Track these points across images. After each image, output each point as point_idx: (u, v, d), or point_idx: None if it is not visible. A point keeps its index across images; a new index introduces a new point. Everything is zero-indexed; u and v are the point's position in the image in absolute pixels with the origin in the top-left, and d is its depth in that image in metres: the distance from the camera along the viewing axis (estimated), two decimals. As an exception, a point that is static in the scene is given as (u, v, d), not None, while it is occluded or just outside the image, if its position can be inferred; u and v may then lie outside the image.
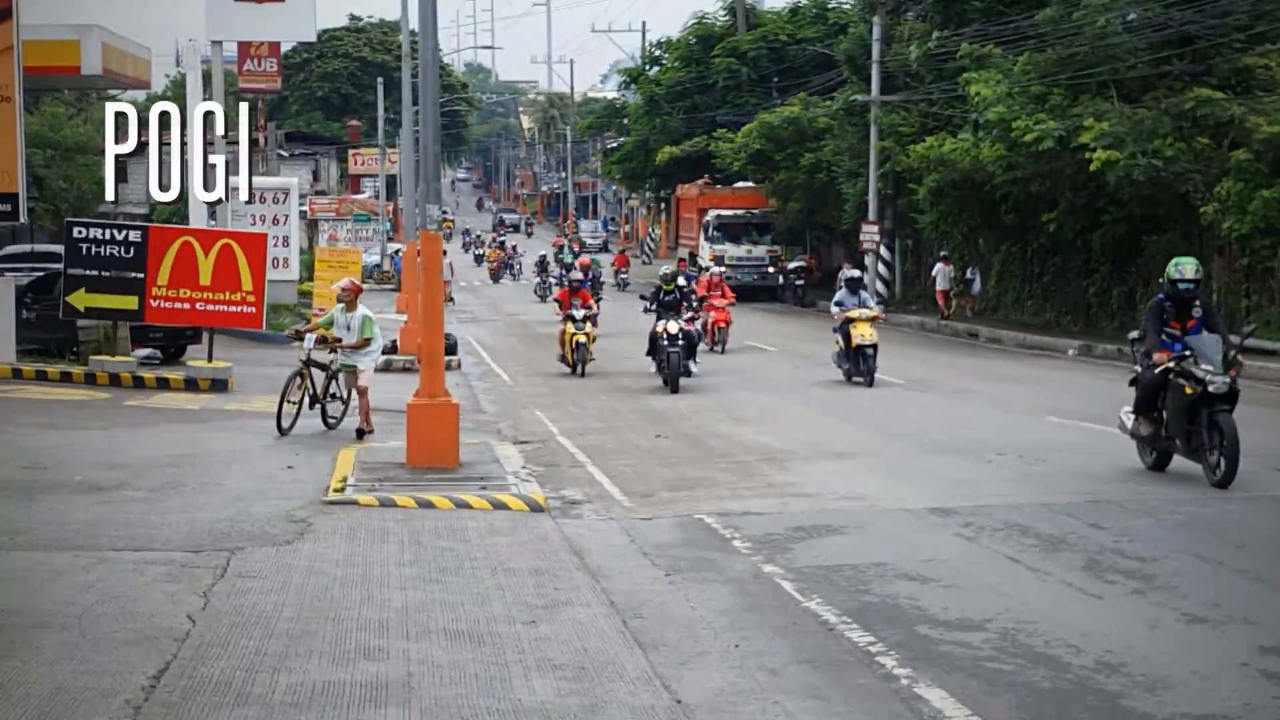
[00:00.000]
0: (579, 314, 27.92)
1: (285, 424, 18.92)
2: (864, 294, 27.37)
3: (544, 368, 30.47)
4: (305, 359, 19.21)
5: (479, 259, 75.50)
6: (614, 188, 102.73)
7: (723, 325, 33.14)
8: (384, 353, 30.70)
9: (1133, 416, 15.78)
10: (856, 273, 28.34)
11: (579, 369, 27.74)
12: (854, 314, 25.81)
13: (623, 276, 62.09)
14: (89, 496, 14.26)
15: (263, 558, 11.79)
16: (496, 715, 7.86)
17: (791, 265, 52.89)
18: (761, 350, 33.96)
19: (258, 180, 42.36)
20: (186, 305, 24.25)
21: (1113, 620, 10.00)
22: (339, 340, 19.27)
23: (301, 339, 19.79)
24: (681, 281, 29.60)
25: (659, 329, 25.35)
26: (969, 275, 42.86)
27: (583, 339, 27.81)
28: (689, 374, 25.56)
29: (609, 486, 15.72)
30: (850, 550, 12.28)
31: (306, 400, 19.15)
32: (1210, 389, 14.73)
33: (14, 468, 15.81)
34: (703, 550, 12.45)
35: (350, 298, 19.53)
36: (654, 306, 26.28)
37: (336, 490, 14.81)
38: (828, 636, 9.66)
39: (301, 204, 48.49)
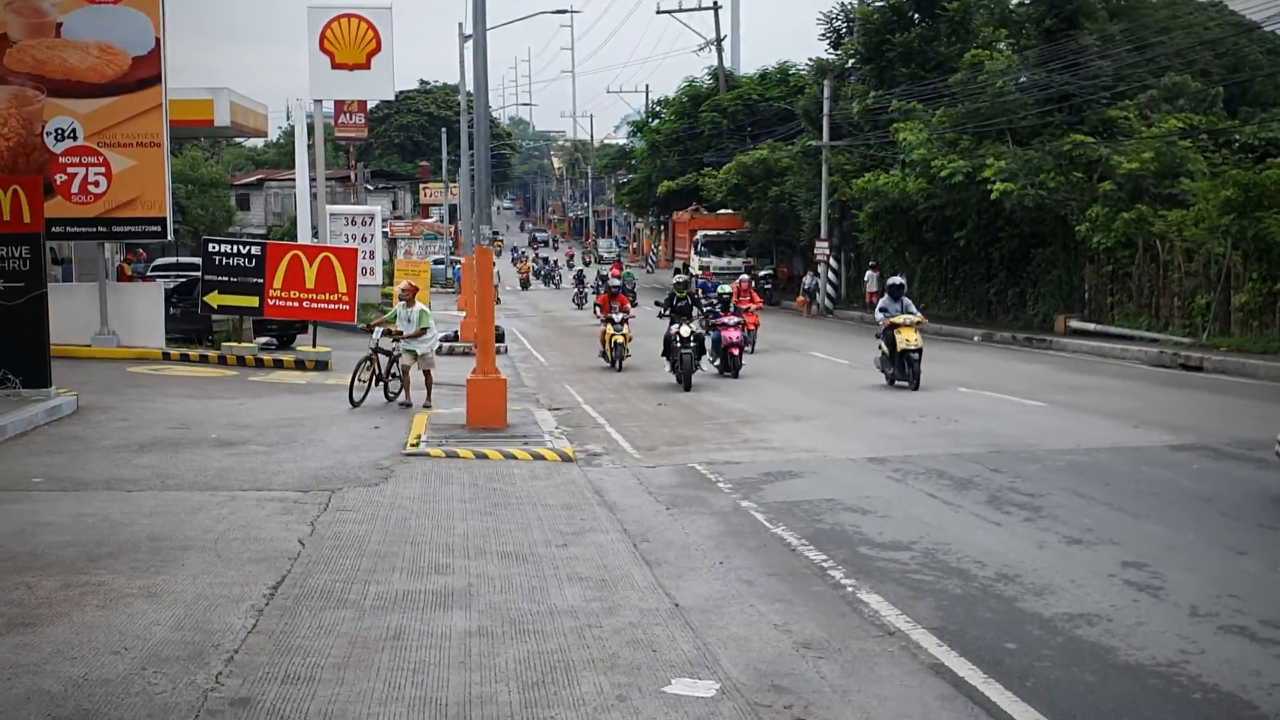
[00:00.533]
0: (617, 317, 25.39)
1: (357, 397, 18.46)
2: (906, 300, 22.23)
3: (572, 352, 30.43)
4: (374, 346, 18.87)
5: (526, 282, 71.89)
6: (624, 213, 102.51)
7: (752, 328, 28.60)
8: (445, 340, 30.88)
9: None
10: (899, 279, 23.09)
11: (617, 364, 25.16)
12: (898, 320, 21.50)
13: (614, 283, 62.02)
14: (221, 450, 14.27)
15: (356, 496, 11.79)
16: (537, 615, 7.87)
17: (762, 273, 52.88)
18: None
19: (350, 207, 42.40)
20: (295, 304, 24.30)
21: (1009, 542, 9.99)
22: (400, 331, 18.68)
23: (372, 331, 19.27)
24: (694, 287, 27.58)
25: (673, 332, 21.91)
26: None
27: (620, 339, 25.29)
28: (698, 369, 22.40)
29: (622, 442, 15.69)
30: (807, 489, 12.27)
31: (372, 379, 18.76)
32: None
33: (164, 428, 15.82)
34: (694, 490, 12.45)
35: (410, 296, 19.03)
36: (668, 312, 22.98)
37: (412, 445, 14.80)
38: (790, 555, 9.65)
39: (384, 226, 48.29)
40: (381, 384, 18.99)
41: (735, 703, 6.35)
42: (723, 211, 58.41)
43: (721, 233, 57.38)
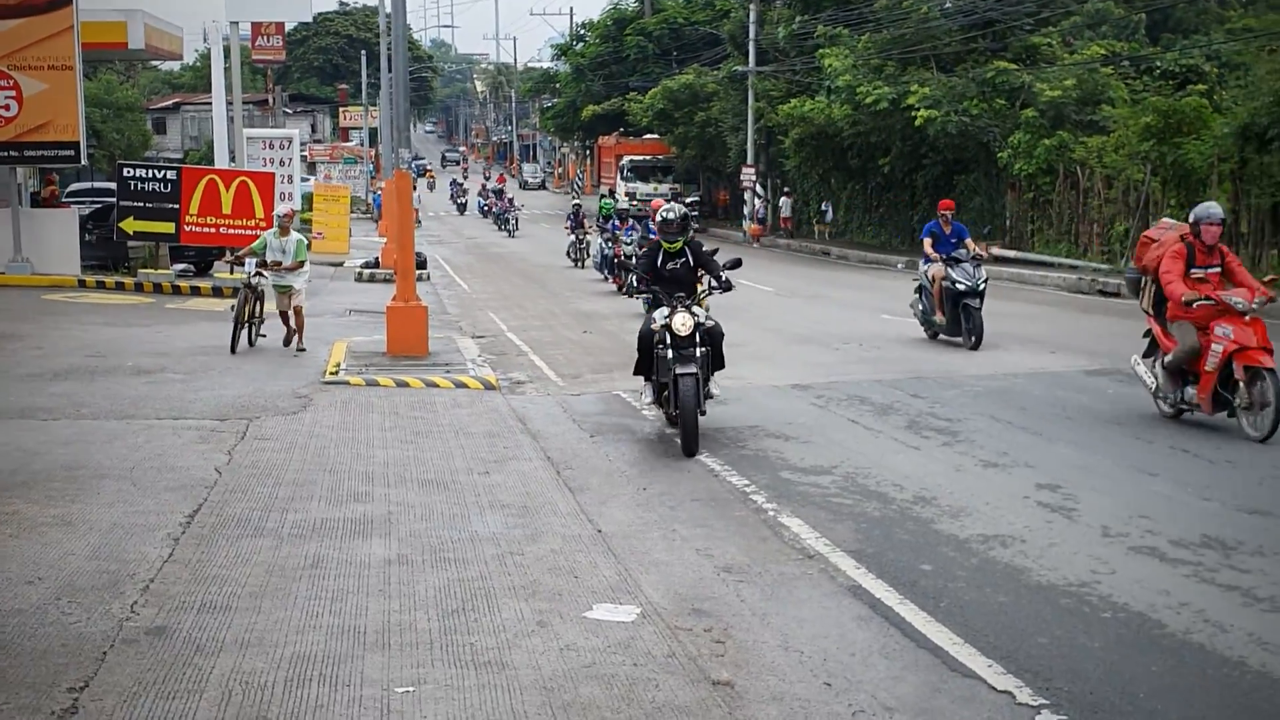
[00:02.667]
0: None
1: (240, 345, 16.27)
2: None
3: (496, 279, 30.29)
4: (247, 282, 16.50)
5: (461, 206, 67.01)
6: (549, 138, 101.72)
7: None
8: (366, 266, 30.51)
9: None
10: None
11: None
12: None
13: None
14: (138, 378, 14.05)
15: (274, 424, 11.68)
16: (458, 543, 7.86)
17: (689, 199, 52.85)
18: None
19: (267, 131, 41.65)
20: (212, 230, 23.88)
21: (927, 466, 10.12)
22: (278, 263, 16.44)
23: (242, 264, 16.81)
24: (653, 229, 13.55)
25: (656, 325, 10.87)
26: (824, 207, 42.97)
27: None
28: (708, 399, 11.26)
29: (546, 370, 15.66)
30: (731, 416, 12.31)
31: (240, 320, 16.32)
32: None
33: (80, 356, 15.54)
34: (618, 418, 12.47)
35: (287, 223, 16.84)
36: (642, 288, 11.93)
37: (332, 373, 14.66)
38: (713, 481, 9.70)
39: (302, 150, 47.54)
40: (248, 327, 16.57)
41: (655, 626, 6.40)
42: (649, 137, 58.19)
43: (648, 158, 57.22)
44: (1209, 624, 6.36)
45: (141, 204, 23.87)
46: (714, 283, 11.34)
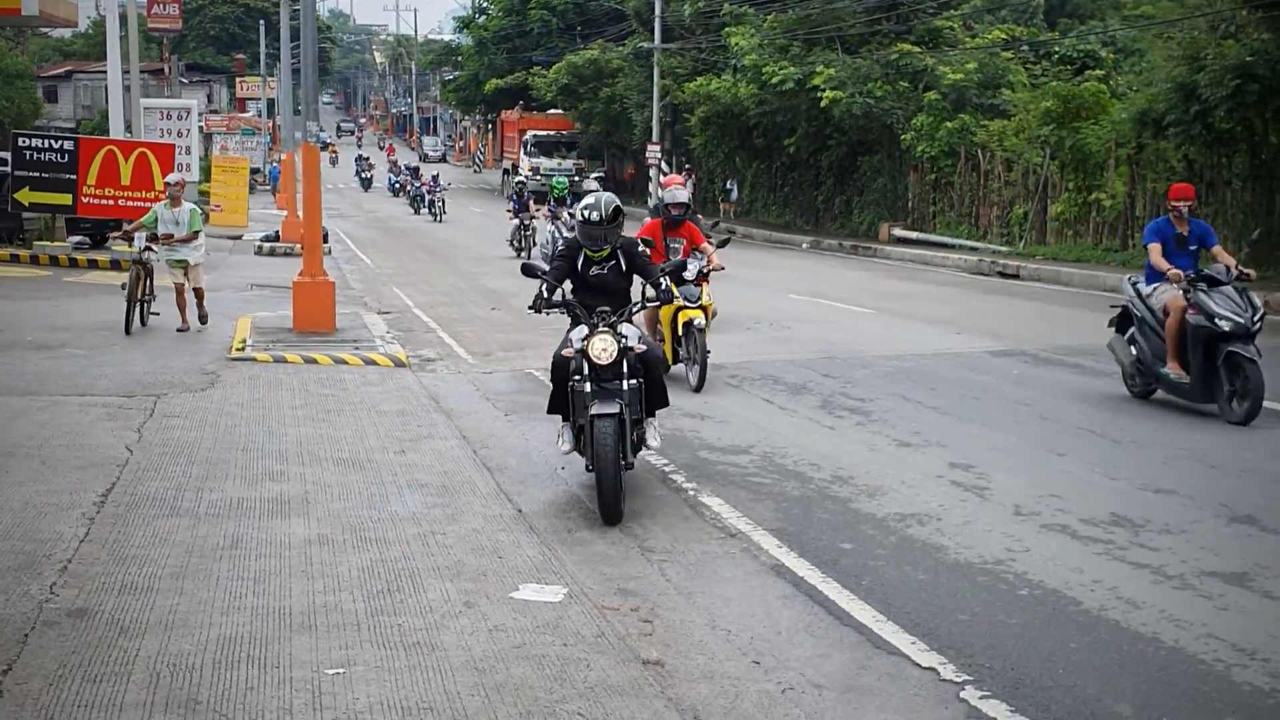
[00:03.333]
0: (691, 268, 12.32)
1: (134, 326, 15.42)
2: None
3: (398, 254, 30.00)
4: (139, 258, 15.58)
5: (366, 182, 63.56)
6: (450, 111, 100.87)
7: None
8: (266, 240, 30.07)
9: None
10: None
11: (696, 378, 12.51)
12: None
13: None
14: (38, 353, 13.74)
15: (183, 401, 11.50)
16: (378, 523, 7.82)
17: (593, 175, 52.78)
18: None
19: (164, 101, 40.81)
20: (111, 201, 23.42)
21: (842, 445, 10.26)
22: (170, 236, 15.58)
23: (131, 240, 15.88)
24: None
25: (573, 351, 8.27)
26: (728, 186, 43.19)
27: (699, 318, 12.59)
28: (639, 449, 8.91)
29: (456, 348, 15.59)
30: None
31: (134, 299, 15.50)
32: None
33: (-27, 331, 15.18)
34: (532, 396, 12.41)
35: (178, 193, 15.87)
36: (553, 301, 8.68)
37: (238, 349, 14.46)
38: (630, 460, 9.73)
39: (200, 121, 46.60)
40: (139, 306, 15.75)
41: (583, 606, 6.43)
42: (553, 112, 57.99)
43: (552, 133, 57.07)
44: (1122, 601, 6.55)
45: (37, 174, 23.34)
46: (650, 291, 9.14)
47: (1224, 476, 9.27)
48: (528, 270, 9.10)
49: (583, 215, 8.61)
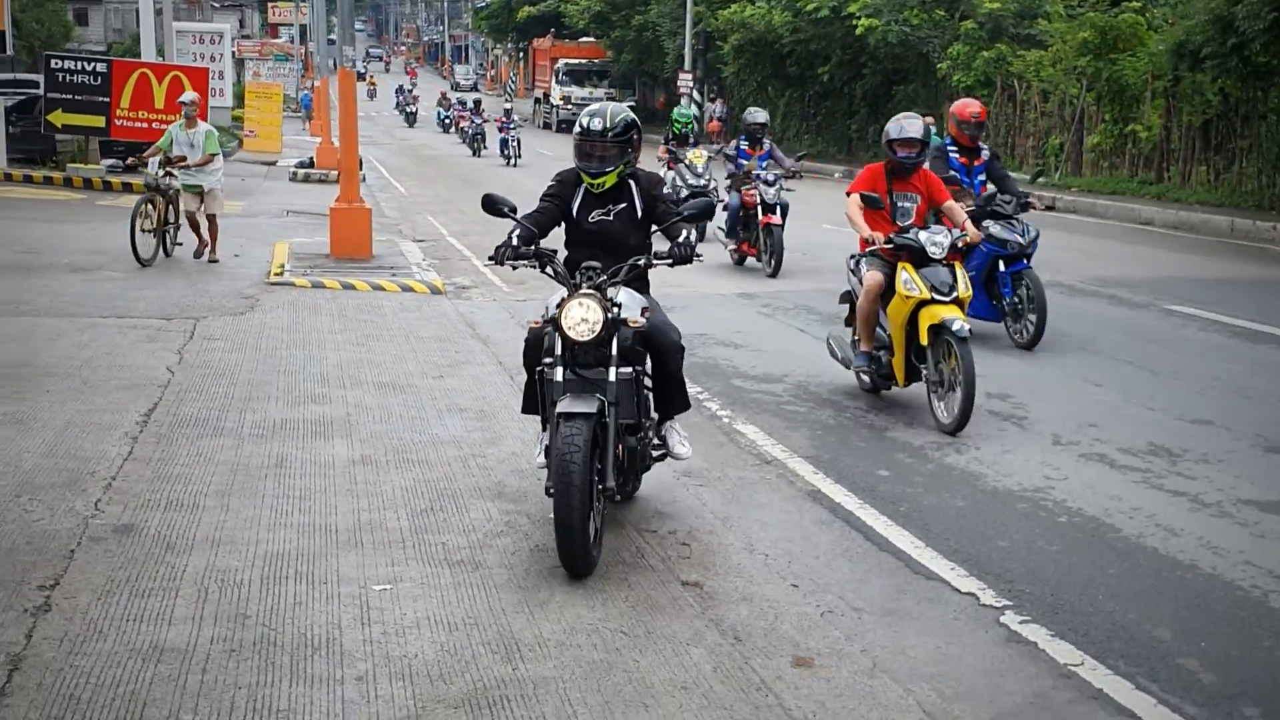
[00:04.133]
0: (938, 240, 8.51)
1: (144, 255, 14.51)
2: None
3: (432, 182, 29.90)
4: (152, 184, 14.98)
5: (411, 117, 59.30)
6: (482, 39, 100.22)
7: None
8: (300, 166, 30.02)
9: None
10: None
11: (952, 413, 8.39)
12: None
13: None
14: (76, 275, 13.82)
15: (222, 324, 11.57)
16: (420, 445, 7.87)
17: (624, 104, 52.50)
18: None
19: (197, 25, 40.68)
20: (144, 124, 23.44)
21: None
22: (183, 159, 14.90)
23: (145, 164, 15.43)
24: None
25: (540, 322, 6.31)
26: (761, 115, 42.84)
27: (959, 320, 8.28)
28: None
29: (491, 275, 15.56)
30: (679, 324, 12.30)
31: (157, 229, 14.95)
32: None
33: (12, 252, 15.25)
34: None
35: (194, 113, 15.15)
36: (522, 252, 6.45)
37: (276, 274, 14.52)
38: (666, 386, 9.73)
39: (231, 46, 46.47)
40: (161, 235, 15.11)
41: (622, 530, 6.47)
42: (585, 40, 57.53)
43: (584, 62, 56.65)
44: (1160, 528, 6.55)
45: (70, 96, 23.37)
46: (667, 251, 6.33)
47: (1260, 407, 9.23)
48: (490, 205, 6.52)
49: (580, 126, 6.41)
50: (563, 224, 6.71)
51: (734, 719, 4.51)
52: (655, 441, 6.54)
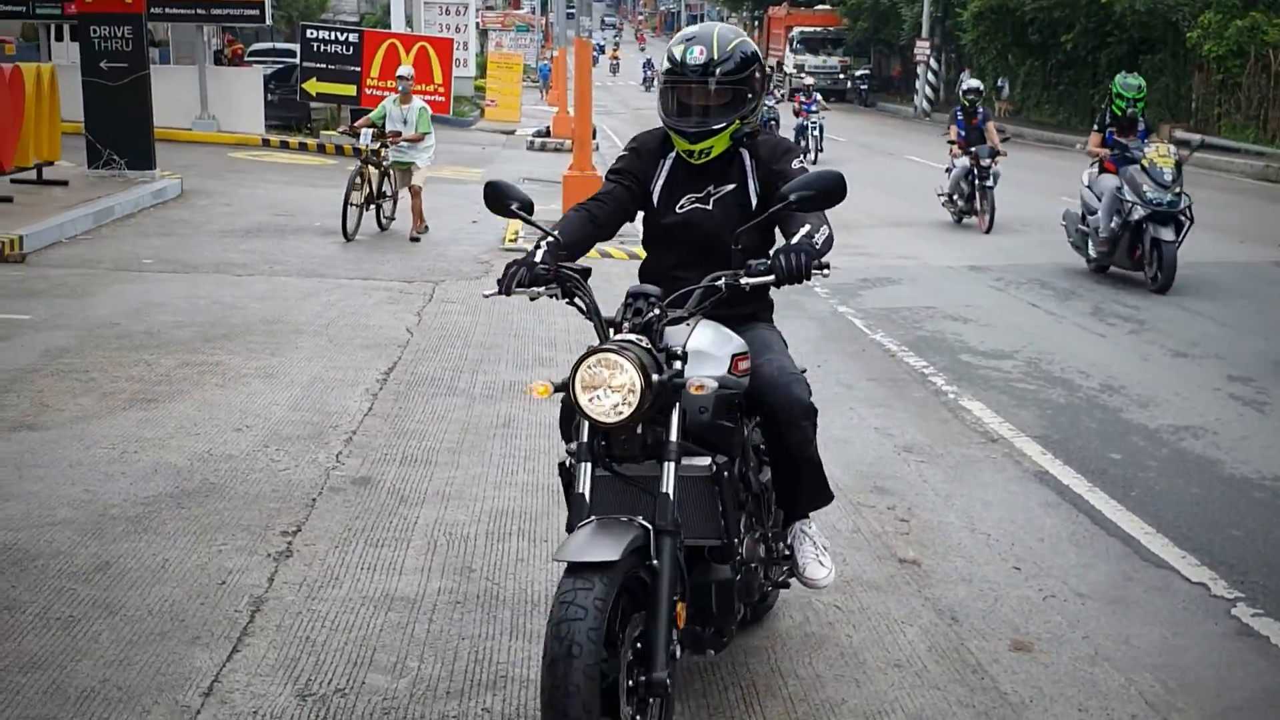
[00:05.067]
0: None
1: (350, 226, 14.11)
2: None
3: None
4: (365, 157, 14.46)
5: (649, 82, 58.58)
6: (717, 8, 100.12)
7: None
8: (537, 135, 30.59)
9: None
10: None
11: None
12: None
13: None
14: (325, 238, 14.39)
15: (458, 289, 11.90)
16: (641, 410, 7.95)
17: (858, 73, 51.73)
18: (834, 141, 33.12)
19: (443, -3, 41.69)
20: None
21: (1113, 354, 9.90)
22: (397, 134, 14.54)
23: (357, 135, 14.52)
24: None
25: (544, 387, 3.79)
26: (1000, 84, 41.66)
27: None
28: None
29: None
30: (906, 296, 12.16)
31: (365, 201, 14.54)
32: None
33: (268, 214, 15.98)
34: (791, 295, 12.35)
35: (410, 88, 14.84)
36: (550, 276, 3.98)
37: (510, 240, 14.84)
38: (890, 361, 9.62)
39: (476, 17, 47.60)
40: (375, 206, 14.72)
41: (838, 501, 6.39)
42: (820, 7, 56.95)
43: (819, 30, 56.00)
44: None
45: (324, 66, 24.32)
46: (768, 261, 3.87)
47: None
48: (494, 197, 4.16)
49: (671, 57, 4.25)
50: (639, 215, 4.52)
51: (947, 700, 4.44)
52: (785, 552, 4.57)
